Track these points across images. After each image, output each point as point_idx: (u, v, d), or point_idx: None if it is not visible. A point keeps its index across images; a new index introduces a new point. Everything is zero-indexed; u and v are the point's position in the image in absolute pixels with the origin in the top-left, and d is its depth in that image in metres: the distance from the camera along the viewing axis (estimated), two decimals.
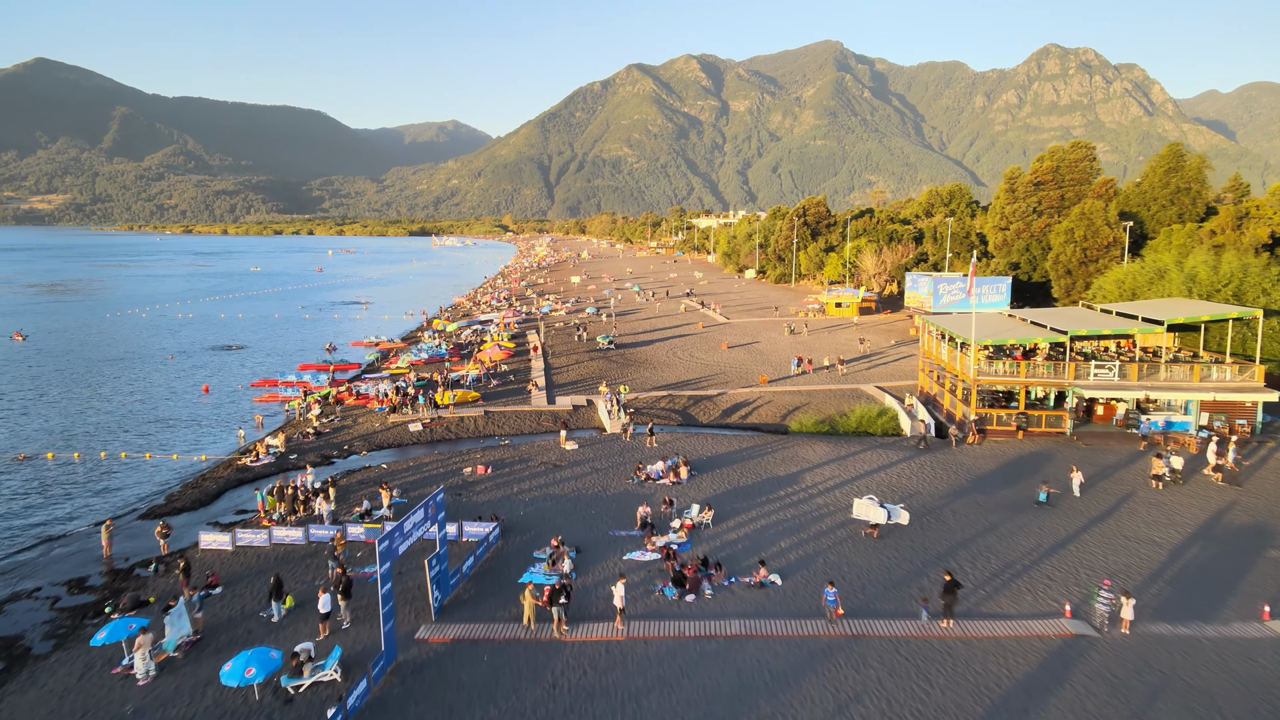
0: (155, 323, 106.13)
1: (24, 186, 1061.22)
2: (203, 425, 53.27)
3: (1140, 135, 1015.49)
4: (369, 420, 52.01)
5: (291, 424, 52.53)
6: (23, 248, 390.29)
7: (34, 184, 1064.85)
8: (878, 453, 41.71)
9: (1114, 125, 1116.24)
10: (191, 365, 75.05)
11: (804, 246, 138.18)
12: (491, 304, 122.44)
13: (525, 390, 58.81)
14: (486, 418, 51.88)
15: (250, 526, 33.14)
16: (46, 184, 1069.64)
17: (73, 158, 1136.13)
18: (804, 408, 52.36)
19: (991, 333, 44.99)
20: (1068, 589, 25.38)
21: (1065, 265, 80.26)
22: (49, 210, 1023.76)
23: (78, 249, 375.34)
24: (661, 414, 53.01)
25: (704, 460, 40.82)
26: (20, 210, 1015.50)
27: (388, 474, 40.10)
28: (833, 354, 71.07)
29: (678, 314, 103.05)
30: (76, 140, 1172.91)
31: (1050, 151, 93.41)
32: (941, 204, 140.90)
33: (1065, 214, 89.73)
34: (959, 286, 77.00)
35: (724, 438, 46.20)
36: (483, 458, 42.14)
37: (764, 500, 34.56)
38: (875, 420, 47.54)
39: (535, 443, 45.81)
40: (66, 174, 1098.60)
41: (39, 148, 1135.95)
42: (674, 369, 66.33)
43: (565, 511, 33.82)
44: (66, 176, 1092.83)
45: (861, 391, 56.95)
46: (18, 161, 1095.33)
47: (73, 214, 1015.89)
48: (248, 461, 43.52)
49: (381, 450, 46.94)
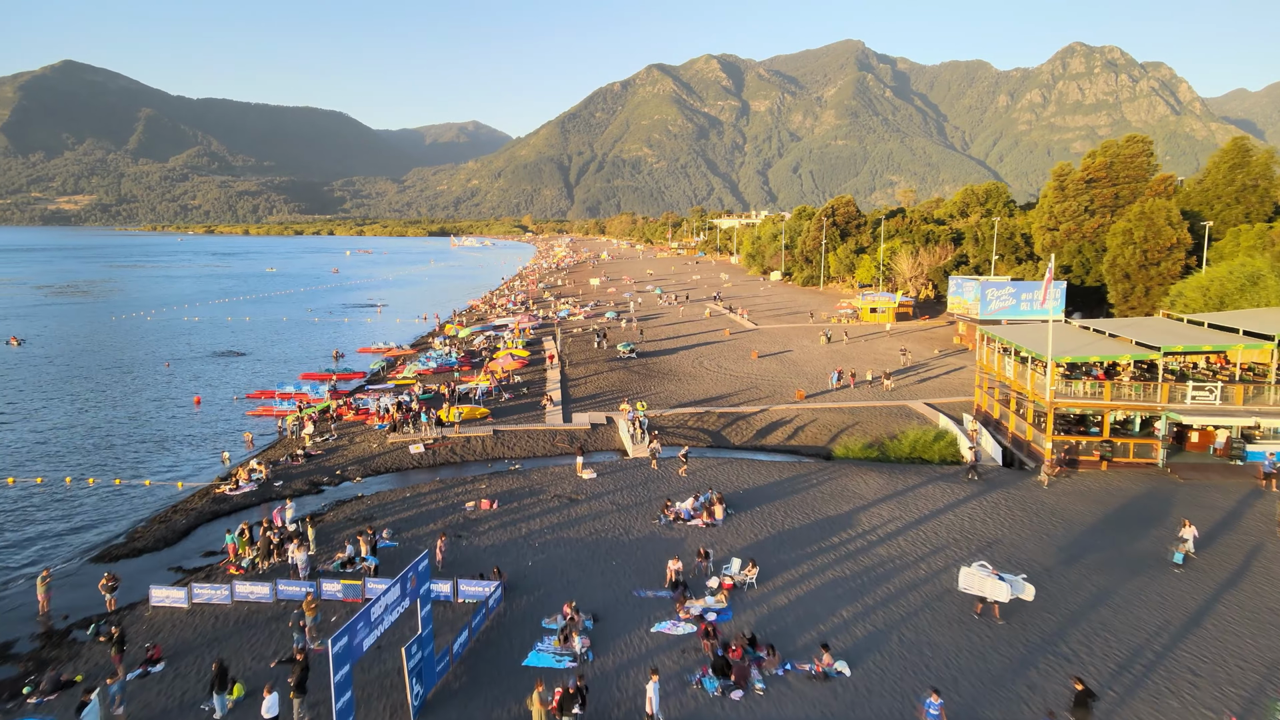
0: (159, 327, 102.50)
1: (51, 187, 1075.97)
2: (188, 443, 48.79)
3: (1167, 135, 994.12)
4: (367, 440, 47.27)
5: (283, 443, 47.92)
6: (44, 248, 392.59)
7: (61, 185, 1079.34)
8: (939, 487, 36.22)
9: (1140, 125, 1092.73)
10: (189, 374, 70.87)
11: (833, 248, 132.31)
12: (507, 307, 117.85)
13: (539, 405, 53.84)
14: (495, 438, 46.95)
15: (211, 580, 28.35)
16: (73, 185, 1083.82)
17: (99, 159, 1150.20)
18: (850, 429, 46.90)
19: (1070, 348, 39.32)
20: (1222, 690, 19.87)
21: (1123, 269, 74.09)
22: (75, 211, 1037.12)
23: (98, 249, 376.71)
24: (690, 434, 47.81)
25: (741, 495, 35.57)
26: (47, 211, 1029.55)
27: (377, 508, 35.21)
28: (872, 365, 65.49)
29: (702, 319, 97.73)
30: (103, 141, 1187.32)
31: (1103, 146, 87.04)
32: (977, 203, 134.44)
33: (1120, 213, 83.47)
34: (1009, 292, 71.03)
35: (760, 465, 40.89)
36: (488, 489, 37.16)
37: (815, 549, 29.26)
38: (931, 445, 42.05)
39: (549, 469, 40.79)
40: (93, 175, 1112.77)
41: (66, 149, 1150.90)
42: (701, 381, 61.07)
43: (581, 561, 28.74)
44: (93, 177, 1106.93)
45: (909, 409, 51.41)
46: (45, 163, 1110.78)
47: (98, 214, 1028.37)
48: (226, 490, 38.86)
49: (378, 475, 42.14)
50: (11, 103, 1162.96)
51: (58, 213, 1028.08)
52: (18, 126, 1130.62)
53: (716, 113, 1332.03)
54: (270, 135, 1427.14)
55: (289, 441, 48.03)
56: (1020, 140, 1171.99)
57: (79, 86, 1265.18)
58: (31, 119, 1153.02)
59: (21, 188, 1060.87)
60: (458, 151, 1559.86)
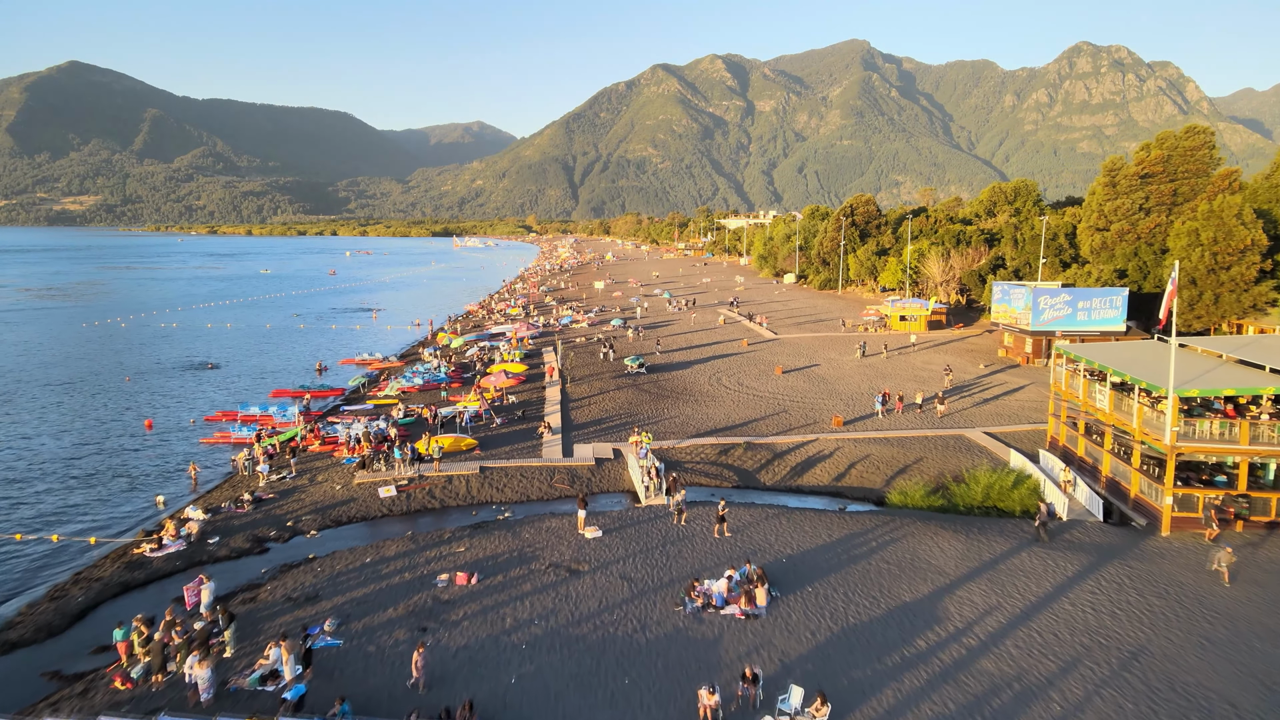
0: (132, 334, 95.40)
1: (56, 188, 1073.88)
2: (123, 480, 41.53)
3: None
4: (330, 479, 39.93)
5: (231, 482, 40.63)
6: (40, 248, 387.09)
7: (66, 185, 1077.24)
8: (1035, 555, 28.67)
9: (1147, 124, 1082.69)
10: (150, 390, 63.67)
11: (852, 249, 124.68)
12: (506, 312, 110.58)
13: (535, 434, 46.45)
14: (482, 477, 39.54)
15: (85, 698, 21.00)
16: (79, 185, 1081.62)
17: (104, 159, 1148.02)
18: (907, 470, 39.36)
19: (1188, 376, 31.75)
20: None
21: (1189, 274, 66.34)
22: (80, 211, 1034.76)
23: (95, 250, 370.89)
24: (712, 472, 40.38)
25: (785, 565, 28.11)
26: (53, 211, 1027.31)
27: (326, 582, 27.83)
28: (911, 382, 57.94)
29: (716, 326, 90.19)
30: (108, 142, 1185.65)
31: (1159, 139, 79.24)
32: (1005, 201, 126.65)
33: (1177, 212, 75.80)
34: (1064, 300, 63.38)
35: (802, 516, 33.38)
36: (468, 553, 29.78)
37: (898, 662, 21.76)
38: (1010, 493, 34.53)
39: (544, 520, 33.35)
40: (98, 175, 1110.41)
41: (71, 149, 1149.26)
42: (720, 403, 53.57)
43: (581, 676, 21.32)
44: (98, 178, 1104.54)
45: (967, 440, 43.88)
46: (50, 163, 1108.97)
47: (103, 215, 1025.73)
48: (148, 549, 31.57)
49: (339, 527, 34.83)
50: (17, 103, 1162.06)
51: (63, 213, 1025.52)
52: (24, 127, 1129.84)
53: (721, 113, 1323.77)
54: (275, 136, 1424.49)
55: (240, 479, 40.76)
56: (1026, 140, 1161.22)
57: (85, 87, 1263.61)
58: (37, 119, 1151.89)
59: (27, 188, 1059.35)
60: (462, 152, 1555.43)
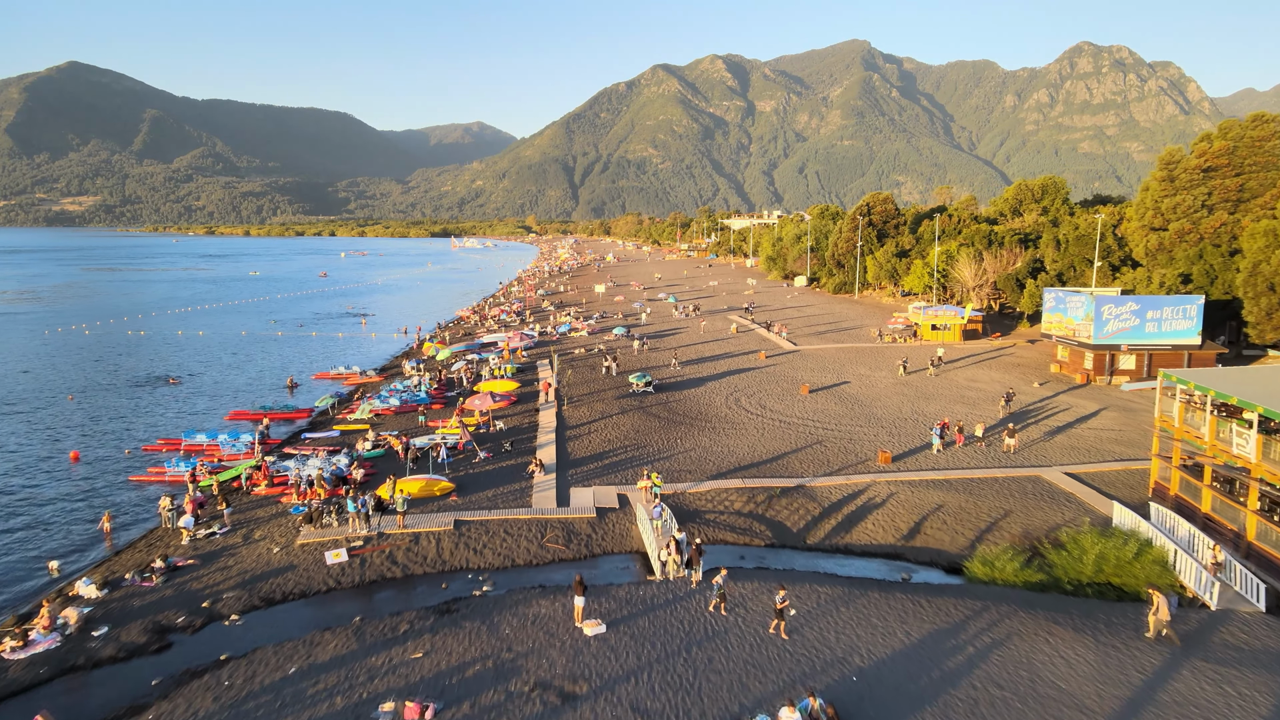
0: (95, 343, 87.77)
1: (56, 188, 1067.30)
2: (20, 535, 33.93)
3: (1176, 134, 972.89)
4: (271, 535, 32.31)
5: (148, 539, 33.01)
6: (30, 249, 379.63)
7: (65, 186, 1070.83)
8: (1199, 674, 21.01)
9: (1148, 124, 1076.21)
10: (92, 411, 56.04)
11: (869, 251, 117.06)
12: (500, 318, 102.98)
13: (525, 472, 38.82)
14: (457, 535, 31.90)
15: None
16: (78, 186, 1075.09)
17: (104, 160, 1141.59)
18: (985, 526, 31.70)
19: None
20: None
21: (1267, 279, 58.77)
22: (79, 212, 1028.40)
23: (86, 251, 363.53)
24: (740, 525, 32.78)
25: (858, 686, 20.42)
26: (52, 212, 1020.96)
27: (231, 708, 20.16)
28: (961, 405, 50.30)
29: (729, 336, 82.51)
30: (107, 142, 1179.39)
31: (1222, 129, 71.63)
32: (1033, 200, 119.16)
33: (1245, 208, 68.21)
34: (1130, 309, 55.67)
35: (867, 600, 25.61)
36: (427, 663, 22.11)
37: None
38: (1130, 564, 26.86)
39: (530, 608, 25.55)
40: (97, 176, 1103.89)
41: (71, 150, 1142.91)
42: (743, 431, 45.87)
43: None
44: (97, 178, 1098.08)
45: (1047, 484, 36.21)
46: (50, 164, 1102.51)
47: (102, 215, 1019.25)
48: (8, 648, 23.96)
49: (270, 607, 27.23)
50: (17, 104, 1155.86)
51: (62, 214, 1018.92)
52: (23, 127, 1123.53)
53: (722, 113, 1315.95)
54: (275, 136, 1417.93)
55: (164, 533, 33.19)
56: (1028, 140, 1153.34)
57: (84, 88, 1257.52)
58: (37, 120, 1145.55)
59: (26, 189, 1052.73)
60: (462, 152, 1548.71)
